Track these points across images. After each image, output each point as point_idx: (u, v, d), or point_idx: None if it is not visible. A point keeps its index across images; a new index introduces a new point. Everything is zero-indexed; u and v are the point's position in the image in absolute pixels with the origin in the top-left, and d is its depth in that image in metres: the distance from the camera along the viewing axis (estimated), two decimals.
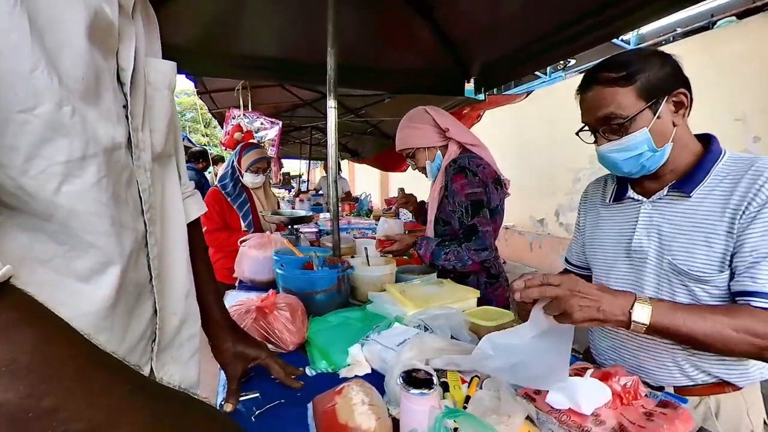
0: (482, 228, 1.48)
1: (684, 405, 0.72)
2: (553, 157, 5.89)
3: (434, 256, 1.53)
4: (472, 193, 1.50)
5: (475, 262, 1.47)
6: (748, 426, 0.89)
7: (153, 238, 0.54)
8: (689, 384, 0.90)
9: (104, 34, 0.43)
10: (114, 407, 0.32)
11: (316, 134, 6.55)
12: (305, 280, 1.33)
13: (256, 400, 0.83)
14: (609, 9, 1.70)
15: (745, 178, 0.81)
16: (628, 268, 0.97)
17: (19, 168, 0.36)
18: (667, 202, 0.91)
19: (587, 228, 1.12)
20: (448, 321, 1.08)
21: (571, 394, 0.70)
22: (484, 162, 1.58)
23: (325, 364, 0.99)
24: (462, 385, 0.82)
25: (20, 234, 0.38)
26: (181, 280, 0.63)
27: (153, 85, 0.55)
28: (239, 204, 2.39)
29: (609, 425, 0.67)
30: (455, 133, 1.61)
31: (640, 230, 0.94)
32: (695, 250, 0.85)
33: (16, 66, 0.34)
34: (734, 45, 3.76)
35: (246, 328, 1.03)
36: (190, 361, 0.65)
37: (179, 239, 0.64)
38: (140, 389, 0.36)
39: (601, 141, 0.91)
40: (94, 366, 0.33)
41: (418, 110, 1.67)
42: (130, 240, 0.48)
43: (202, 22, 2.24)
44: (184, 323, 0.63)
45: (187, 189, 0.76)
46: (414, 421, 0.62)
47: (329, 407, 0.69)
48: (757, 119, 3.64)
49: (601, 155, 0.93)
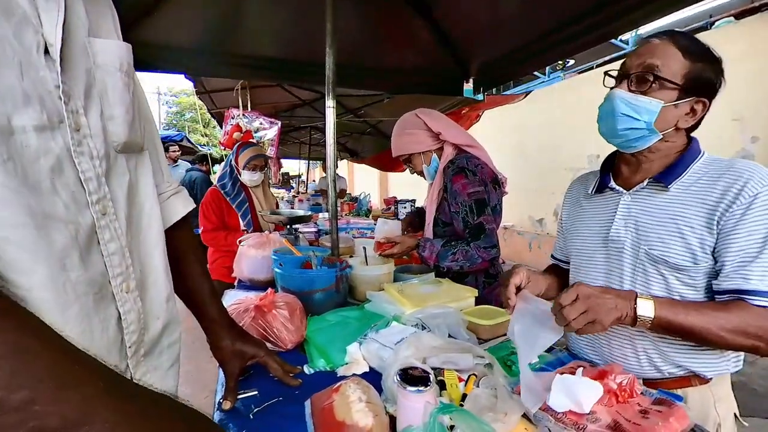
0: (488, 226, 1.48)
1: (679, 402, 0.73)
2: (551, 157, 5.90)
3: (440, 257, 1.49)
4: (475, 192, 1.51)
5: (485, 260, 1.47)
6: (715, 419, 0.90)
7: (108, 233, 0.49)
8: (657, 377, 0.92)
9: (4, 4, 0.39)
10: (87, 403, 0.31)
11: (315, 134, 6.55)
12: (304, 279, 1.33)
13: (254, 397, 0.84)
14: (608, 9, 1.70)
15: (724, 178, 0.84)
16: (604, 258, 0.99)
17: None
18: (646, 194, 0.94)
19: (569, 221, 1.14)
20: (446, 320, 1.09)
21: (572, 395, 0.70)
22: (481, 162, 1.59)
23: (323, 363, 0.99)
24: (459, 384, 0.83)
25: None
26: (160, 282, 0.60)
27: (102, 68, 0.51)
28: (238, 203, 2.40)
29: (604, 422, 0.67)
30: (448, 135, 1.61)
31: (618, 221, 0.96)
32: (670, 240, 0.87)
33: None
34: (732, 45, 3.77)
35: (244, 326, 1.03)
36: (170, 370, 0.63)
37: (155, 239, 0.60)
38: (115, 388, 0.35)
39: (622, 86, 0.90)
40: (68, 361, 0.33)
41: (410, 115, 1.67)
42: (63, 234, 0.43)
43: (201, 21, 2.24)
44: (166, 328, 0.61)
45: (170, 187, 0.75)
46: (410, 418, 0.62)
47: (327, 404, 0.69)
48: (755, 119, 3.65)
49: (610, 98, 0.92)
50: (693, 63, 0.86)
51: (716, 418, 0.90)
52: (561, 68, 7.18)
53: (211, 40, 2.37)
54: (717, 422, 0.90)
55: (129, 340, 0.52)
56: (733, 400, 0.95)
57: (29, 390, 0.29)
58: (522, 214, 6.51)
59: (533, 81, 7.18)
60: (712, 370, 0.90)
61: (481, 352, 0.90)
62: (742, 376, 0.92)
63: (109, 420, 0.32)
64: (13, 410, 0.28)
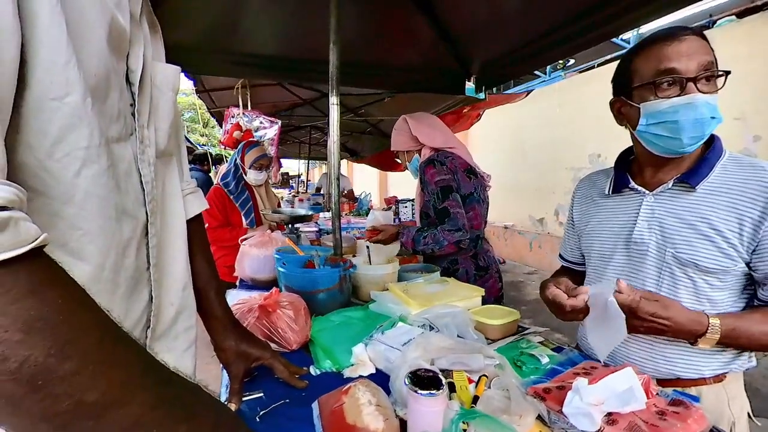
0: (453, 210, 1.58)
1: (696, 404, 0.71)
2: (552, 156, 5.89)
3: (415, 242, 1.64)
4: (441, 180, 1.63)
5: (450, 242, 1.56)
6: (729, 417, 0.89)
7: (153, 228, 0.56)
8: (671, 377, 0.91)
9: (118, 39, 0.47)
10: (127, 383, 0.33)
11: (315, 134, 6.52)
12: (307, 279, 1.31)
13: (260, 399, 0.82)
14: (609, 8, 1.69)
15: (752, 183, 0.83)
16: (626, 260, 0.97)
17: (46, 150, 0.38)
18: (671, 195, 0.91)
19: (582, 220, 1.11)
20: (454, 320, 1.07)
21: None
22: (453, 154, 1.71)
23: (330, 364, 0.98)
24: (469, 385, 0.81)
25: (38, 218, 0.39)
26: (179, 271, 0.65)
27: (158, 88, 0.59)
28: (242, 201, 2.40)
29: (622, 425, 0.65)
30: (425, 139, 1.78)
31: (641, 222, 0.93)
32: (699, 243, 0.85)
33: (55, 57, 0.37)
34: (734, 44, 3.76)
35: (248, 326, 1.02)
36: (185, 352, 0.66)
37: (179, 233, 0.66)
38: (153, 371, 0.36)
39: (692, 90, 0.82)
40: (112, 339, 0.34)
41: (402, 118, 1.89)
42: (129, 227, 0.51)
43: (201, 19, 2.22)
44: (180, 314, 0.64)
45: (188, 186, 0.77)
46: (424, 423, 0.60)
47: (336, 407, 0.68)
48: (757, 118, 3.64)
49: (693, 105, 0.82)
50: (713, 51, 0.84)
51: (731, 416, 0.89)
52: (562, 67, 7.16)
53: (211, 37, 2.34)
54: (732, 420, 0.89)
55: (153, 322, 0.57)
56: (745, 398, 0.94)
57: (77, 362, 0.29)
58: (522, 214, 6.50)
59: (534, 80, 7.16)
60: (728, 368, 0.89)
61: (491, 353, 0.88)
62: (745, 375, 0.92)
63: (147, 402, 0.33)
64: (59, 379, 0.28)
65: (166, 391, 0.36)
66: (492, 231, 6.91)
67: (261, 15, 2.21)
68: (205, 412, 0.39)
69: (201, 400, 0.41)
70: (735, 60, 3.73)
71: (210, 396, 0.42)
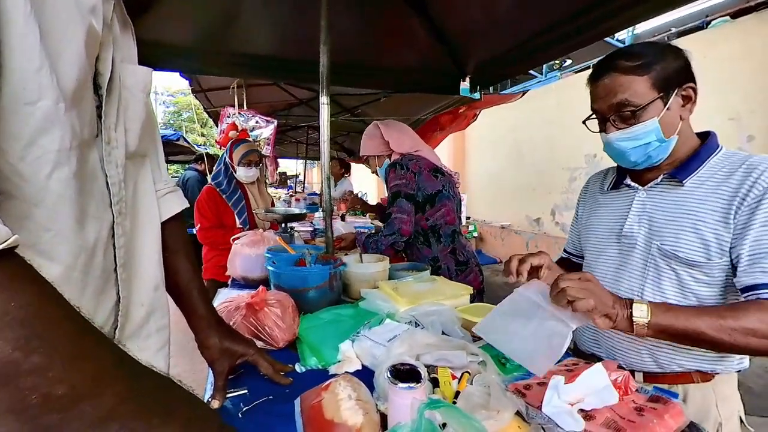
0: (394, 215, 1.70)
1: (675, 400, 0.72)
2: (549, 156, 5.90)
3: (365, 246, 1.80)
4: (395, 185, 1.73)
5: (386, 246, 1.71)
6: (716, 418, 0.89)
7: (120, 229, 0.56)
8: (658, 372, 0.91)
9: (92, 44, 0.48)
10: (98, 376, 0.33)
11: (312, 134, 6.51)
12: (297, 277, 1.32)
13: (243, 396, 0.82)
14: (603, 7, 1.70)
15: (739, 172, 0.84)
16: (616, 254, 0.99)
17: (18, 154, 0.39)
18: (661, 190, 0.93)
19: (584, 216, 1.14)
20: (440, 317, 1.07)
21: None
22: (419, 156, 1.78)
23: (315, 361, 0.98)
24: (452, 381, 0.81)
25: (9, 219, 0.40)
26: (150, 272, 0.64)
27: (129, 89, 0.59)
28: (234, 201, 2.38)
29: (599, 420, 0.66)
30: (395, 145, 1.88)
31: (632, 216, 0.96)
32: (683, 235, 0.87)
33: (27, 65, 0.38)
34: (729, 44, 3.78)
35: (235, 325, 1.02)
36: (159, 352, 0.66)
37: (150, 233, 0.66)
38: (124, 364, 0.37)
39: (611, 129, 0.91)
40: (82, 332, 0.34)
41: (373, 124, 1.98)
42: (94, 228, 0.51)
43: (196, 19, 2.22)
44: (151, 315, 0.64)
45: (166, 186, 0.77)
46: (400, 415, 0.61)
47: (315, 403, 0.68)
48: (751, 118, 3.66)
49: (608, 143, 0.93)
50: (652, 70, 0.85)
51: (717, 417, 0.89)
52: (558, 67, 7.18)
53: (205, 37, 2.35)
54: (718, 422, 0.89)
55: (121, 322, 0.57)
56: (739, 401, 0.93)
57: (45, 356, 0.30)
58: (519, 214, 6.51)
59: (530, 80, 7.18)
60: (714, 367, 0.89)
61: (475, 350, 0.89)
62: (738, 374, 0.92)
63: (119, 394, 0.33)
64: (26, 373, 0.29)
65: (138, 384, 0.36)
66: (489, 231, 6.93)
67: (255, 15, 2.22)
68: (178, 405, 0.39)
69: (174, 393, 0.41)
70: (729, 60, 3.75)
71: (184, 390, 0.42)
